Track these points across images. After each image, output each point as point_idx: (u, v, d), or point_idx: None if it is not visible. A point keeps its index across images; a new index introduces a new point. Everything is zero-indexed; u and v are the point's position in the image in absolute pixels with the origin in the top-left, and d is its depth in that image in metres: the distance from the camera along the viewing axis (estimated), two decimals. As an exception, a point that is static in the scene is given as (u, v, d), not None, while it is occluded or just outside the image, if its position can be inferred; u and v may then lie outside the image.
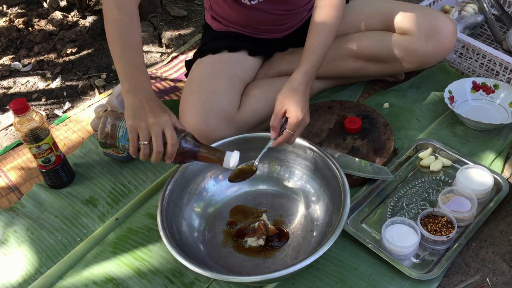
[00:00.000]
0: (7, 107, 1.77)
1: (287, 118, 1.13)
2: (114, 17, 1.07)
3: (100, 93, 1.79)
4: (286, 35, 1.48)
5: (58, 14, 2.19)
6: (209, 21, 1.51)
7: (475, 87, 1.51)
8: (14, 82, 1.90)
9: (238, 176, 1.16)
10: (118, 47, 1.06)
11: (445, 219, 1.15)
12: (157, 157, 1.01)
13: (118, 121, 1.04)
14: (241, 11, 1.39)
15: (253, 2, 1.35)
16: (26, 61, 2.00)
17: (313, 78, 1.19)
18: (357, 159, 1.30)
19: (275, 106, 1.13)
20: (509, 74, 1.51)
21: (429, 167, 1.33)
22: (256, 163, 1.16)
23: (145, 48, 1.99)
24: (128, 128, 1.01)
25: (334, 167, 1.15)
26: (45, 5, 2.30)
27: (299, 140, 1.20)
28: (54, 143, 1.32)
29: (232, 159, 1.08)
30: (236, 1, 1.37)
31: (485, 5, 1.71)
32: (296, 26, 1.48)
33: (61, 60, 1.98)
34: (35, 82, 1.89)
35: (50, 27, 2.16)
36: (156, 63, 1.89)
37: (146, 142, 1.00)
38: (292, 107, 1.11)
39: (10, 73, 1.95)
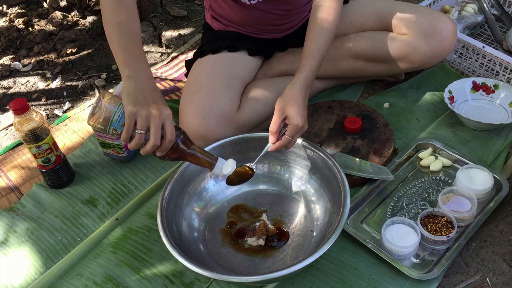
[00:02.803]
0: (7, 107, 1.77)
1: (286, 123, 1.13)
2: (112, 9, 1.05)
3: (100, 93, 1.79)
4: (286, 35, 1.48)
5: (58, 14, 2.19)
6: (209, 21, 1.51)
7: (475, 87, 1.51)
8: (14, 82, 1.90)
9: (235, 179, 1.16)
10: (116, 35, 1.04)
11: (445, 219, 1.15)
12: (150, 150, 0.99)
13: (114, 104, 1.01)
14: (241, 11, 1.39)
15: (252, 2, 1.35)
16: (26, 61, 2.00)
17: (312, 83, 1.19)
18: (357, 159, 1.30)
19: (275, 111, 1.13)
20: (509, 74, 1.51)
21: (429, 167, 1.33)
22: (253, 166, 1.17)
23: (145, 48, 1.99)
24: (127, 113, 0.98)
25: (334, 167, 1.15)
26: (45, 5, 2.31)
27: (299, 140, 1.21)
28: (54, 143, 1.32)
29: (227, 167, 1.07)
30: (235, 0, 1.37)
31: (485, 5, 1.71)
32: (296, 26, 1.48)
33: (61, 60, 1.98)
34: (35, 82, 1.89)
35: (50, 27, 2.16)
36: (156, 63, 1.89)
37: (142, 132, 0.98)
38: (292, 114, 1.11)
39: (10, 73, 1.95)
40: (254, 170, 1.17)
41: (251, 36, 1.46)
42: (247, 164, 1.17)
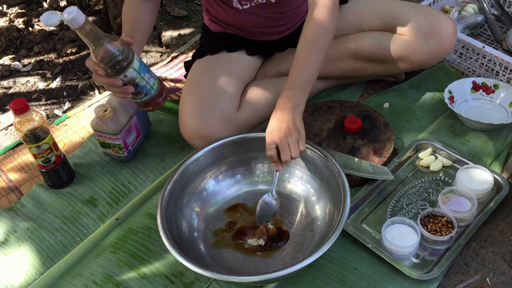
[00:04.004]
0: (7, 107, 1.77)
1: None
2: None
3: (100, 93, 1.79)
4: (284, 36, 1.48)
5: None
6: (207, 23, 1.51)
7: (475, 87, 1.51)
8: (14, 82, 1.90)
9: (264, 215, 1.19)
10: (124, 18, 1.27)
11: (445, 219, 1.15)
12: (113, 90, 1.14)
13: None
14: (235, 15, 1.39)
15: (245, 7, 1.36)
16: (26, 61, 2.00)
17: (303, 96, 1.17)
18: (357, 159, 1.30)
19: (266, 140, 1.13)
20: (509, 74, 1.51)
21: (429, 167, 1.33)
22: (275, 196, 1.19)
23: (145, 48, 1.99)
24: None
25: (334, 167, 1.15)
26: (45, 5, 2.30)
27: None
28: (54, 143, 1.32)
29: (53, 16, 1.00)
30: (228, 5, 1.37)
31: (485, 5, 1.71)
32: (293, 28, 1.47)
33: (61, 60, 1.98)
34: (35, 82, 1.89)
35: (50, 27, 2.17)
36: (156, 63, 1.89)
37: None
38: (280, 142, 1.10)
39: (10, 73, 1.95)
40: (277, 199, 1.19)
41: (248, 39, 1.46)
42: (268, 197, 1.19)
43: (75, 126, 1.61)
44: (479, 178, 1.23)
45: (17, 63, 1.98)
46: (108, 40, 1.04)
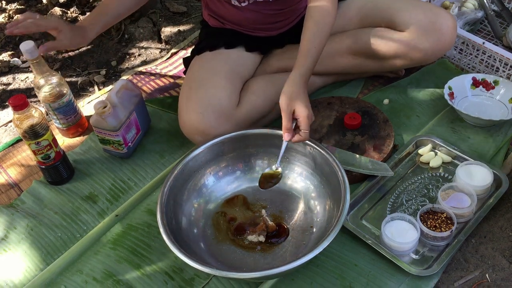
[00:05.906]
0: (7, 103, 1.77)
1: (293, 118, 1.13)
2: None
3: (99, 89, 1.79)
4: (283, 32, 1.48)
5: (57, 10, 2.19)
6: (206, 18, 1.51)
7: (475, 83, 1.50)
8: (14, 78, 1.90)
9: (265, 182, 1.20)
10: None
11: (445, 215, 1.15)
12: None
13: None
14: (235, 12, 1.39)
15: (243, 4, 1.36)
16: (25, 57, 1.99)
17: (309, 78, 1.19)
18: (357, 155, 1.30)
19: (283, 110, 1.12)
20: (509, 70, 1.51)
21: (428, 163, 1.33)
22: (278, 166, 1.19)
23: (145, 44, 1.98)
24: None
25: (334, 163, 1.15)
26: (44, 1, 2.30)
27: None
28: (54, 140, 1.32)
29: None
30: (227, 2, 1.37)
31: (485, 1, 1.71)
32: (291, 24, 1.47)
33: (60, 56, 1.98)
34: (35, 79, 1.88)
35: (49, 23, 2.16)
36: (156, 59, 1.89)
37: None
38: (300, 108, 1.10)
39: (10, 69, 1.94)
40: (280, 169, 1.20)
41: (246, 34, 1.46)
42: (273, 167, 1.20)
43: (74, 123, 1.61)
44: (478, 174, 1.23)
45: (16, 59, 1.97)
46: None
